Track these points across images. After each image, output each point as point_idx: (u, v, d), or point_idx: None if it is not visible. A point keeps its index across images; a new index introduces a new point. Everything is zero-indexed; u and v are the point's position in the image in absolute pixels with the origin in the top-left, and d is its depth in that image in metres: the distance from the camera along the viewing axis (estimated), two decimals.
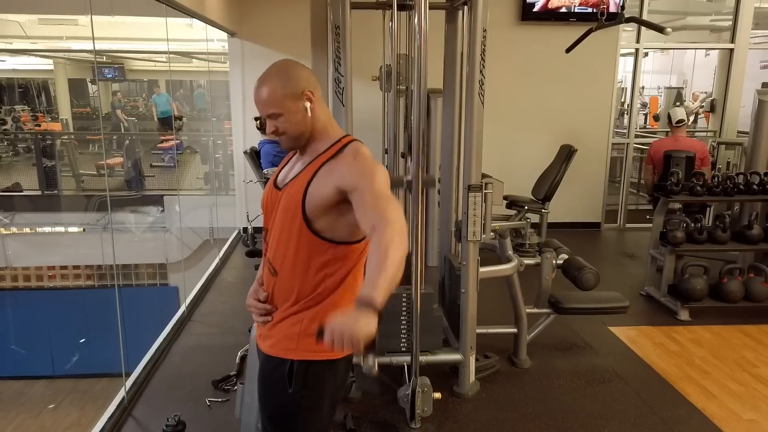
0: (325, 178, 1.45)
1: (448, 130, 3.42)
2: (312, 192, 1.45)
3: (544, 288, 3.29)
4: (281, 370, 1.51)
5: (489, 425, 2.71)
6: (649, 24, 4.50)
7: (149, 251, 7.30)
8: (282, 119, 1.47)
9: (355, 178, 1.42)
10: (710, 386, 3.07)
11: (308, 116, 1.48)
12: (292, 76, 1.48)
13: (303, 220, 1.46)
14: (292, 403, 1.52)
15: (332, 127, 1.55)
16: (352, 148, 1.49)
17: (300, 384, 1.50)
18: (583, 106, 6.04)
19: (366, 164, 1.45)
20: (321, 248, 1.48)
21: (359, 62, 2.75)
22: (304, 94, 1.47)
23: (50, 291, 7.79)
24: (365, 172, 1.43)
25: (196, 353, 3.46)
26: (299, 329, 1.50)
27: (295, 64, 1.51)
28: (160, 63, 14.82)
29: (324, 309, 1.49)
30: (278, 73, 1.48)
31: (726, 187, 4.06)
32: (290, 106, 1.46)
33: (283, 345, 1.52)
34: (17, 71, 15.36)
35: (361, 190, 1.41)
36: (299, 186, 1.47)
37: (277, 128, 1.48)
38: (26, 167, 9.22)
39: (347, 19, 2.59)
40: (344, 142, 1.51)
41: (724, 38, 6.56)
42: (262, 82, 1.48)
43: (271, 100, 1.46)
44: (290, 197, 1.49)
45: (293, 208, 1.47)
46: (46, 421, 6.31)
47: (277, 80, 1.46)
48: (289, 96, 1.46)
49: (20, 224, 7.61)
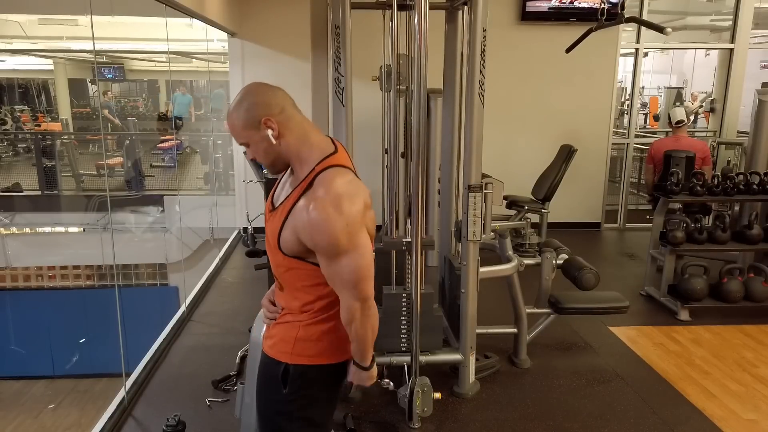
0: (291, 227, 1.43)
1: (448, 130, 3.42)
2: (283, 237, 1.45)
3: (544, 288, 3.29)
4: (276, 371, 1.53)
5: (489, 425, 2.71)
6: (649, 24, 4.49)
7: (149, 251, 7.29)
8: (251, 149, 1.47)
9: (310, 236, 1.39)
10: (710, 386, 3.07)
11: (273, 143, 1.44)
12: (249, 105, 1.43)
13: (282, 253, 1.47)
14: (286, 404, 1.54)
15: (309, 148, 1.46)
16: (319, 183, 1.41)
17: (295, 386, 1.52)
18: (583, 106, 6.04)
19: (321, 216, 1.36)
20: (310, 270, 1.48)
21: (359, 62, 2.75)
22: (262, 123, 1.42)
23: (50, 291, 7.78)
24: (320, 228, 1.37)
25: (196, 353, 3.46)
26: (295, 334, 1.52)
27: (257, 90, 1.46)
28: (160, 63, 14.82)
29: (322, 319, 1.52)
30: (239, 103, 1.45)
31: (726, 187, 4.07)
32: (253, 136, 1.44)
33: (280, 347, 1.54)
34: (17, 71, 15.36)
35: (318, 248, 1.41)
36: (277, 224, 1.47)
37: (252, 156, 1.49)
38: (26, 167, 9.22)
39: (347, 19, 2.59)
40: (318, 170, 1.43)
41: (724, 38, 6.56)
42: (229, 110, 1.47)
43: (234, 131, 1.46)
44: (272, 232, 1.50)
45: (273, 242, 1.49)
46: (46, 421, 6.30)
47: (236, 112, 1.44)
48: (249, 126, 1.43)
49: (20, 224, 7.61)
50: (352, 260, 1.40)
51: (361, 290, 1.43)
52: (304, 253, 1.45)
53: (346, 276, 1.41)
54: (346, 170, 1.46)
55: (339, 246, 1.38)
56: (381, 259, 3.55)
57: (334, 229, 1.36)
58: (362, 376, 1.58)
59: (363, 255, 1.42)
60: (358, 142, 2.84)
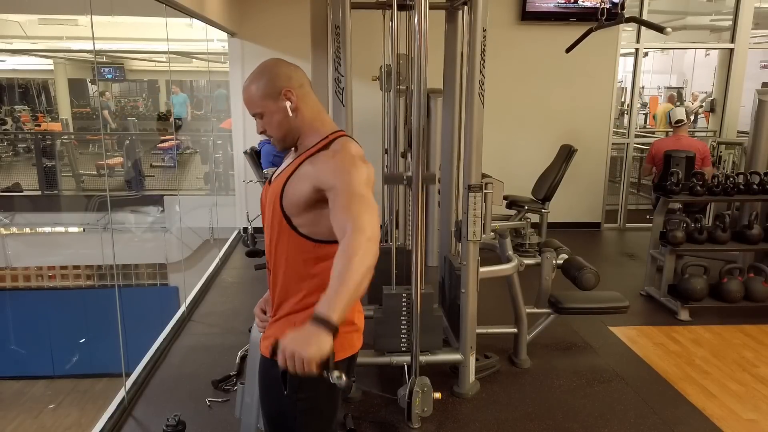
0: (303, 175, 1.43)
1: (448, 130, 3.42)
2: (288, 189, 1.44)
3: (544, 288, 3.29)
4: (276, 372, 1.47)
5: (489, 425, 2.71)
6: (649, 24, 4.49)
7: (149, 251, 7.29)
8: (265, 119, 1.48)
9: (331, 176, 1.39)
10: (710, 386, 3.07)
11: (290, 115, 1.46)
12: (271, 75, 1.46)
13: (282, 216, 1.45)
14: (289, 405, 1.52)
15: (322, 123, 1.51)
16: (338, 144, 1.46)
17: (294, 387, 1.48)
18: (583, 106, 6.04)
19: (345, 162, 1.40)
20: (305, 247, 1.46)
21: (359, 62, 2.75)
22: (283, 93, 1.45)
23: (50, 291, 7.78)
24: (343, 170, 1.38)
25: (196, 353, 3.46)
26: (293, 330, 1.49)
27: (278, 63, 1.50)
28: (160, 63, 14.83)
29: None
30: (259, 73, 1.48)
31: (726, 187, 4.07)
32: (270, 106, 1.46)
33: None
34: (17, 71, 15.36)
35: (336, 190, 1.37)
36: (279, 181, 1.47)
37: (264, 129, 1.50)
38: (26, 167, 9.22)
39: (347, 19, 2.59)
40: (331, 138, 1.48)
41: (724, 38, 6.56)
42: (246, 82, 1.49)
43: (252, 100, 1.47)
44: (272, 194, 1.49)
45: (273, 203, 1.48)
46: (46, 421, 6.30)
47: (257, 81, 1.46)
48: (268, 96, 1.45)
49: (20, 224, 7.61)
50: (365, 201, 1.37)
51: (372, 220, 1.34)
52: (302, 208, 1.42)
53: (355, 208, 1.33)
54: (357, 144, 1.51)
55: (359, 182, 1.37)
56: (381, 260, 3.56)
57: (358, 170, 1.39)
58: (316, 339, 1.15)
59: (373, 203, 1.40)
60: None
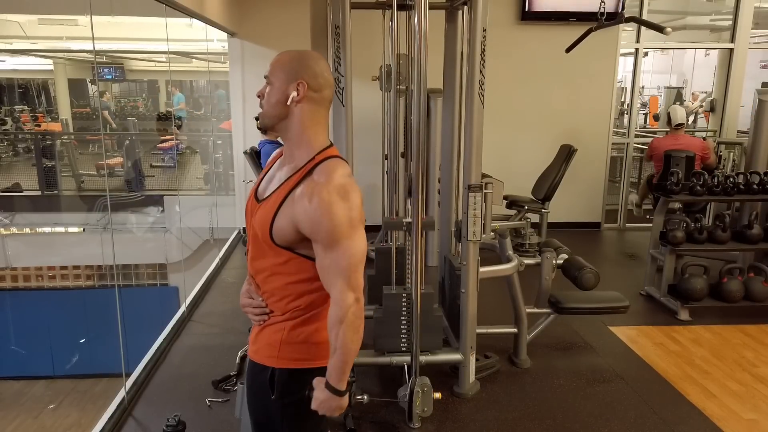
0: (288, 214, 1.38)
1: (448, 130, 3.42)
2: (277, 225, 1.40)
3: (544, 288, 3.29)
4: (263, 377, 1.49)
5: (489, 425, 2.71)
6: (649, 24, 4.50)
7: (149, 251, 7.30)
8: (269, 89, 1.44)
9: (309, 226, 1.35)
10: (710, 386, 3.07)
11: (286, 105, 1.41)
12: (304, 63, 1.43)
13: (273, 243, 1.42)
14: (276, 410, 1.51)
15: (315, 136, 1.44)
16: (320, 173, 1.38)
17: (281, 391, 1.48)
18: (583, 106, 6.04)
19: (323, 206, 1.33)
20: (297, 262, 1.43)
21: (359, 62, 2.76)
22: (297, 82, 1.40)
23: (50, 291, 7.78)
24: (322, 217, 1.33)
25: (196, 353, 3.46)
26: (280, 338, 1.47)
27: (319, 60, 1.46)
28: (160, 63, 14.82)
29: (308, 320, 1.48)
30: (301, 53, 1.46)
31: (726, 187, 4.06)
32: (280, 80, 1.42)
33: (265, 352, 1.50)
34: (17, 71, 15.36)
35: (317, 243, 1.36)
36: (269, 212, 1.41)
37: (261, 94, 1.46)
38: (26, 167, 9.22)
39: (347, 19, 2.59)
40: (317, 159, 1.41)
41: (724, 38, 6.56)
42: (286, 51, 1.47)
43: (273, 64, 1.45)
44: (262, 221, 1.43)
45: (263, 232, 1.42)
46: (46, 422, 6.30)
47: (294, 57, 1.44)
48: (287, 72, 1.42)
49: (20, 224, 7.61)
50: (351, 245, 1.35)
51: (355, 279, 1.37)
52: (296, 243, 1.40)
53: (344, 262, 1.35)
54: (345, 163, 1.45)
55: (340, 232, 1.34)
56: (381, 259, 3.56)
57: (338, 214, 1.33)
58: (332, 404, 1.42)
59: (361, 241, 1.38)
60: (358, 142, 2.84)
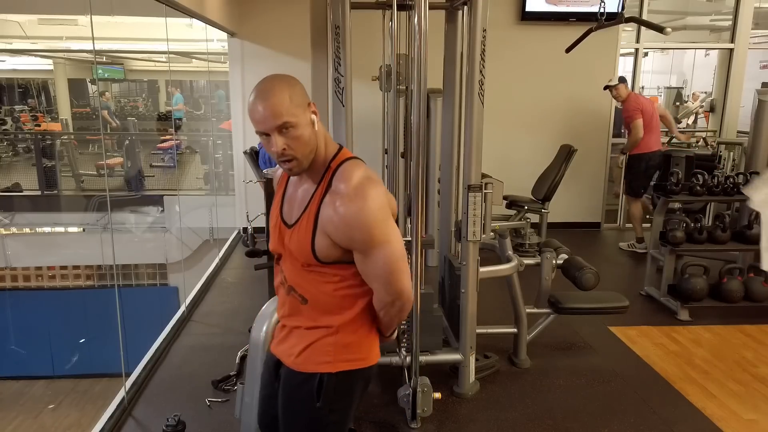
0: (323, 234, 1.38)
1: (448, 130, 3.42)
2: (318, 247, 1.40)
3: (544, 288, 3.29)
4: (310, 385, 1.46)
5: (489, 425, 2.71)
6: (649, 24, 4.50)
7: (149, 251, 7.30)
8: (292, 133, 1.33)
9: (344, 240, 1.37)
10: (710, 386, 3.07)
11: (314, 131, 1.38)
12: (296, 87, 1.37)
13: (320, 263, 1.43)
14: (321, 416, 1.48)
15: (326, 143, 1.44)
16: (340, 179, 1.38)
17: (330, 397, 1.46)
18: (583, 106, 6.04)
19: (351, 222, 1.34)
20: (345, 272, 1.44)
21: (359, 62, 2.75)
22: (310, 105, 1.38)
23: (50, 291, 7.78)
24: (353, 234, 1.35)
25: (196, 353, 3.46)
26: (334, 340, 1.46)
27: (291, 77, 1.40)
28: (159, 63, 14.82)
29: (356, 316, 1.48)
30: (284, 82, 1.36)
31: (726, 187, 4.06)
32: (301, 116, 1.34)
33: (316, 359, 1.47)
34: (17, 71, 15.36)
35: (357, 251, 1.39)
36: (305, 236, 1.41)
37: (286, 146, 1.34)
38: (26, 167, 9.22)
39: (347, 19, 2.59)
40: (333, 167, 1.42)
41: (724, 38, 6.56)
42: (267, 91, 1.33)
43: (283, 107, 1.31)
44: (300, 247, 1.42)
45: (305, 256, 1.42)
46: (45, 422, 6.30)
47: (287, 88, 1.34)
48: (299, 105, 1.35)
49: (20, 224, 7.61)
50: (386, 252, 1.37)
51: (394, 283, 1.39)
52: (342, 256, 1.40)
53: (380, 270, 1.38)
54: (358, 161, 1.46)
55: (374, 237, 1.35)
56: None
57: (367, 219, 1.34)
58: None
59: (396, 247, 1.39)
60: (358, 142, 2.84)
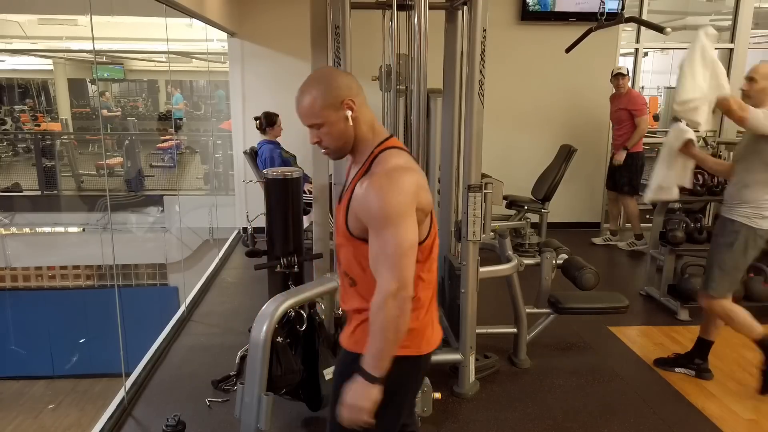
0: (353, 208, 1.46)
1: (448, 130, 3.42)
2: (350, 218, 1.48)
3: (544, 288, 3.29)
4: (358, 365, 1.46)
5: (489, 425, 2.71)
6: (649, 24, 4.49)
7: (149, 251, 7.30)
8: (323, 130, 1.47)
9: (365, 216, 1.43)
10: (710, 386, 3.07)
11: (350, 126, 1.47)
12: (331, 85, 1.45)
13: (354, 238, 1.48)
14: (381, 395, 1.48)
15: (373, 132, 1.52)
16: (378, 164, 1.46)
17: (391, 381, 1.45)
18: (583, 106, 6.04)
19: (371, 195, 1.40)
20: None
21: (359, 62, 2.75)
22: (344, 103, 1.45)
23: (50, 291, 7.78)
24: (370, 207, 1.40)
25: (196, 353, 3.46)
26: None
27: (335, 72, 1.51)
28: (159, 63, 14.83)
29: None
30: (318, 82, 1.46)
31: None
32: (330, 116, 1.45)
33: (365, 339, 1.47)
34: (17, 71, 15.36)
35: (370, 229, 1.42)
36: (342, 211, 1.51)
37: (319, 139, 1.49)
38: (26, 167, 9.23)
39: (347, 19, 2.59)
40: (376, 153, 1.49)
41: (724, 38, 6.56)
42: (302, 92, 1.47)
43: (312, 110, 1.45)
44: (339, 221, 1.53)
45: (342, 230, 1.52)
46: (45, 422, 6.30)
47: (317, 90, 1.45)
48: (329, 106, 1.44)
49: (20, 224, 7.61)
50: (398, 233, 1.38)
51: (400, 269, 1.38)
52: (366, 233, 1.45)
53: (390, 249, 1.38)
54: (401, 151, 1.51)
55: (388, 216, 1.38)
56: None
57: (386, 197, 1.38)
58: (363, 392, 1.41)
59: (409, 235, 1.40)
60: None
